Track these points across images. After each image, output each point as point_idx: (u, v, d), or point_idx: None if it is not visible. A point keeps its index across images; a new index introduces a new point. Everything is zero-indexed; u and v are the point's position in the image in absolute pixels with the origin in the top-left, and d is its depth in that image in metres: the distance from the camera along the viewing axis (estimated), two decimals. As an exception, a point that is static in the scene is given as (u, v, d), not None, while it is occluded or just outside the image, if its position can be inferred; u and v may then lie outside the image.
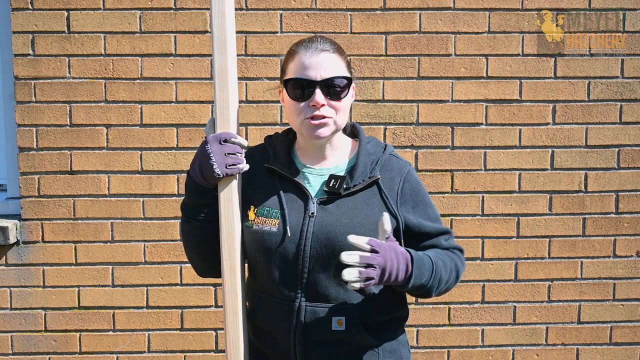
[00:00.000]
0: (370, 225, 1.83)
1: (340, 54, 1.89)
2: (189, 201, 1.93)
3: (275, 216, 1.87)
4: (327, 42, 1.88)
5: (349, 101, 1.91)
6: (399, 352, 1.97)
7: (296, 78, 1.84)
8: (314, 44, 1.86)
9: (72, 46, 3.27)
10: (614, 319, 3.46)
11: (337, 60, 1.87)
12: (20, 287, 3.37)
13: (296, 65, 1.85)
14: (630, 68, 3.34)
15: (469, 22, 3.30)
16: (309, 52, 1.84)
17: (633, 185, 3.39)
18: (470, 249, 3.39)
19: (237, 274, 1.89)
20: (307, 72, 1.83)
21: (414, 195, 1.93)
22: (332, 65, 1.85)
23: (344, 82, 1.86)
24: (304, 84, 1.83)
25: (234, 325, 1.90)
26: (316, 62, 1.83)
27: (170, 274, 3.37)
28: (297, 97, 1.85)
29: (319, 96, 1.81)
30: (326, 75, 1.83)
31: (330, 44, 1.88)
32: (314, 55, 1.84)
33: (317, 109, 1.83)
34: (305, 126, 1.85)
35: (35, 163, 3.30)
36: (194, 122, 3.31)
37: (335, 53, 1.87)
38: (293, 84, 1.85)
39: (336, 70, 1.85)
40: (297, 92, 1.84)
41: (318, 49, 1.85)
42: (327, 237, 1.82)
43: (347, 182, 1.87)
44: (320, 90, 1.82)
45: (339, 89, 1.85)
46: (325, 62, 1.84)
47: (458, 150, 3.35)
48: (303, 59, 1.84)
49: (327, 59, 1.84)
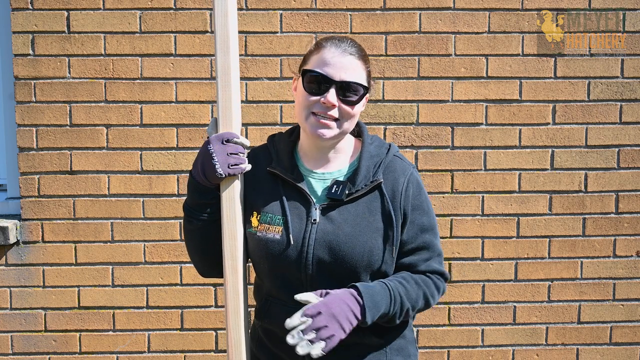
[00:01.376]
0: (372, 233, 1.83)
1: (364, 62, 1.88)
2: (191, 201, 1.93)
3: (278, 223, 1.87)
4: (355, 46, 1.87)
5: (360, 110, 1.89)
6: (407, 350, 1.97)
7: (315, 71, 1.82)
8: (343, 44, 1.84)
9: (72, 46, 3.27)
10: (614, 319, 3.47)
11: (359, 67, 1.85)
12: (20, 287, 3.36)
13: (319, 58, 1.84)
14: (630, 68, 3.35)
15: (469, 22, 3.30)
16: (336, 51, 1.83)
17: (633, 185, 3.40)
18: (470, 249, 3.39)
19: (239, 273, 1.89)
20: (327, 69, 1.81)
21: (415, 199, 1.91)
22: (354, 70, 1.83)
23: (361, 90, 1.84)
24: (322, 79, 1.81)
25: (235, 325, 1.90)
26: (340, 62, 1.81)
27: (170, 274, 3.37)
28: (311, 90, 1.83)
29: (332, 96, 1.81)
30: (345, 78, 1.81)
31: (357, 49, 1.87)
32: (340, 55, 1.82)
33: (328, 109, 1.82)
34: (310, 123, 1.85)
35: (35, 163, 3.30)
36: (194, 122, 3.31)
37: (361, 60, 1.86)
38: (311, 76, 1.83)
39: (356, 77, 1.84)
40: (312, 85, 1.83)
41: (346, 51, 1.83)
42: (330, 244, 1.82)
43: (349, 188, 1.87)
44: (335, 90, 1.81)
45: (353, 95, 1.83)
46: (349, 65, 1.82)
47: (458, 150, 3.35)
48: (328, 55, 1.82)
49: (351, 62, 1.83)
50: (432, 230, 1.94)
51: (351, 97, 1.83)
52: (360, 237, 1.81)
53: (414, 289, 1.86)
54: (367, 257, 1.82)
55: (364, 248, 1.81)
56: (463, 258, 3.39)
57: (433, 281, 1.92)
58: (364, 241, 1.81)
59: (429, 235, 1.92)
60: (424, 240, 1.91)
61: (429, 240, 1.92)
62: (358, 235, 1.82)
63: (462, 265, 3.39)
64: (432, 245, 1.93)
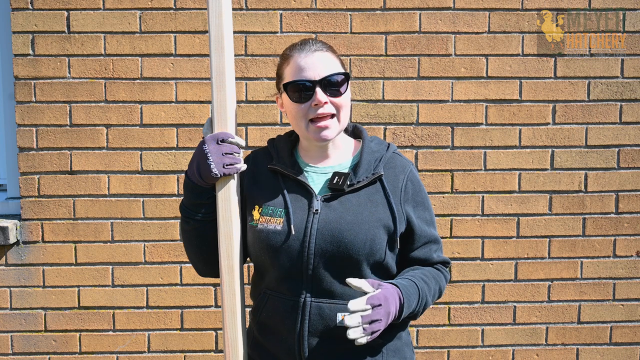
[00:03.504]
0: (374, 222, 1.85)
1: (332, 52, 1.93)
2: (187, 201, 1.95)
3: (280, 215, 1.88)
4: (318, 42, 1.92)
5: (349, 97, 1.93)
6: (403, 352, 1.98)
7: (295, 80, 1.86)
8: (306, 46, 1.89)
9: (72, 46, 3.27)
10: (614, 319, 3.46)
11: (331, 58, 1.90)
12: (20, 287, 3.37)
13: (292, 68, 1.88)
14: (630, 68, 3.34)
15: (469, 22, 3.30)
16: (303, 54, 1.87)
17: (633, 185, 3.39)
18: (470, 249, 3.38)
19: (235, 273, 1.90)
20: (304, 73, 1.85)
21: (416, 195, 1.95)
22: (328, 64, 1.88)
23: (341, 78, 1.88)
24: (304, 85, 1.85)
25: (232, 325, 1.92)
26: (312, 62, 1.86)
27: (170, 274, 3.37)
28: (298, 100, 1.87)
29: (320, 95, 1.84)
30: (323, 73, 1.85)
31: (321, 43, 1.92)
32: (309, 55, 1.87)
33: (321, 107, 1.85)
34: (311, 131, 1.88)
35: (35, 163, 3.31)
36: (194, 122, 3.31)
37: (329, 51, 1.91)
38: (292, 87, 1.87)
39: (332, 68, 1.88)
40: (297, 94, 1.86)
41: (312, 49, 1.88)
42: (332, 233, 1.83)
43: (351, 178, 1.89)
44: (320, 89, 1.84)
45: (337, 86, 1.87)
46: (321, 61, 1.87)
47: (458, 150, 3.35)
48: (298, 60, 1.87)
49: (321, 57, 1.88)
50: (433, 223, 2.01)
51: (336, 88, 1.87)
52: (363, 226, 1.83)
53: (433, 284, 1.92)
54: (369, 246, 1.83)
55: (366, 236, 1.83)
56: (463, 258, 3.39)
57: (443, 274, 2.00)
58: (366, 229, 1.83)
59: (433, 229, 2.00)
60: (431, 233, 1.98)
61: (434, 233, 2.00)
62: (360, 224, 1.83)
63: (462, 265, 3.39)
64: (437, 237, 2.01)
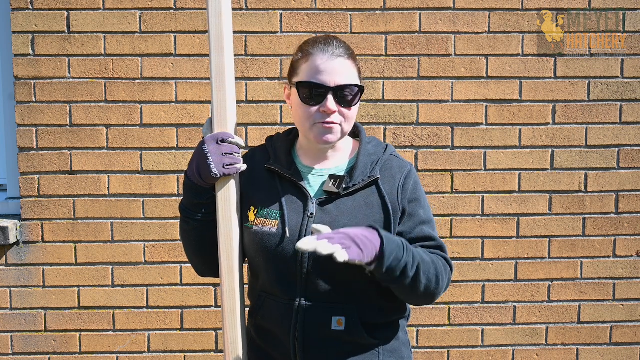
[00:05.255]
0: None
1: (354, 60, 1.88)
2: (186, 201, 1.94)
3: (275, 217, 1.87)
4: (342, 46, 1.86)
5: (357, 108, 1.90)
6: (400, 352, 1.96)
7: (310, 82, 1.82)
8: (330, 48, 1.84)
9: (72, 46, 3.27)
10: (614, 319, 3.46)
11: (351, 68, 1.85)
12: (20, 287, 3.37)
13: (310, 67, 1.83)
14: (630, 68, 3.34)
15: (469, 22, 3.30)
16: (325, 57, 1.82)
17: (633, 185, 3.39)
18: (470, 249, 3.38)
19: (235, 273, 1.90)
20: (321, 76, 1.81)
21: (412, 193, 1.91)
22: (347, 73, 1.83)
23: (356, 90, 1.85)
24: (317, 88, 1.81)
25: (232, 325, 1.91)
26: (332, 67, 1.81)
27: (170, 274, 3.37)
28: (308, 101, 1.83)
29: (331, 103, 1.81)
30: (340, 82, 1.81)
31: (345, 49, 1.86)
32: (330, 60, 1.82)
33: (328, 116, 1.82)
34: (315, 130, 1.84)
35: (35, 163, 3.31)
36: (194, 122, 3.31)
37: (350, 59, 1.86)
38: (305, 87, 1.83)
39: (350, 78, 1.84)
40: (308, 95, 1.83)
41: (334, 55, 1.83)
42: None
43: (347, 182, 1.87)
44: (332, 96, 1.81)
45: (350, 97, 1.84)
46: (340, 68, 1.82)
47: (458, 150, 3.35)
48: (318, 62, 1.82)
49: (342, 65, 1.83)
50: (429, 223, 1.92)
51: (348, 99, 1.83)
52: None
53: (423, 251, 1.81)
54: None
55: None
56: (463, 258, 3.39)
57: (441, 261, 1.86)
58: None
59: (427, 228, 1.90)
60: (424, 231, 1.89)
61: (428, 232, 1.90)
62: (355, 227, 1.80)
63: (462, 265, 3.39)
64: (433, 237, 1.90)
